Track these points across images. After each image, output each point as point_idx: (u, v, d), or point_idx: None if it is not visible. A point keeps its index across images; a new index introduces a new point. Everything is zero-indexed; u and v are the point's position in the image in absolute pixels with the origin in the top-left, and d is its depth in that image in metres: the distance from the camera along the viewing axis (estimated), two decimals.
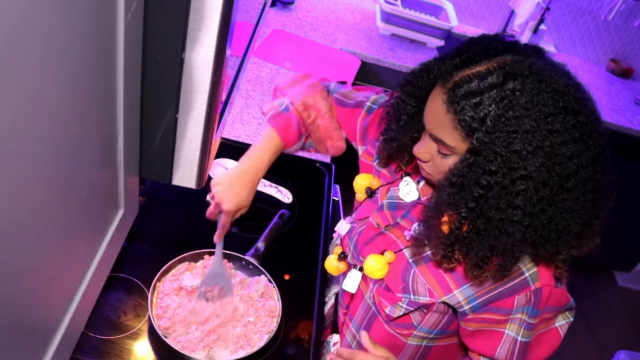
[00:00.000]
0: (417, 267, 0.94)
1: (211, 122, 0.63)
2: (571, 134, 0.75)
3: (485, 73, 0.77)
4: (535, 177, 0.75)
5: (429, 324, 0.96)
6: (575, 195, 0.77)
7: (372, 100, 1.16)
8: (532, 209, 0.76)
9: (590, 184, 0.78)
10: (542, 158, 0.74)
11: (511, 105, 0.74)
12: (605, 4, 2.74)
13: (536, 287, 0.85)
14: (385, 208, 1.03)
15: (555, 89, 0.75)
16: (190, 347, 1.03)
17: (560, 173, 0.75)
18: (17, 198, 0.38)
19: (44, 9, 0.35)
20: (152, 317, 1.05)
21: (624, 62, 2.92)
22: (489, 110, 0.76)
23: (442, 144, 0.83)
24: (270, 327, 1.11)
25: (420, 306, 0.93)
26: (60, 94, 0.40)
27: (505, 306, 0.87)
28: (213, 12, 0.53)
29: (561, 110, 0.75)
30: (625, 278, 3.19)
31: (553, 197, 0.76)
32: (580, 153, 0.76)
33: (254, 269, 1.22)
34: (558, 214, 0.78)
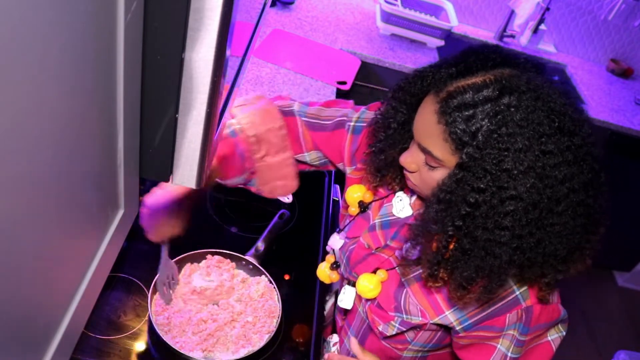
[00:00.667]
0: (409, 286, 0.93)
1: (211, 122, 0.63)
2: (565, 156, 0.72)
3: (480, 85, 0.74)
4: (525, 198, 0.71)
5: (423, 340, 0.96)
6: (565, 219, 0.74)
7: (355, 118, 1.06)
8: (520, 231, 0.73)
9: (582, 209, 0.75)
10: (533, 179, 0.71)
11: (505, 121, 0.71)
12: (605, 4, 2.74)
13: (527, 305, 0.84)
14: (378, 228, 0.99)
15: (552, 108, 0.73)
16: (189, 347, 1.03)
17: (551, 196, 0.72)
18: (17, 198, 0.38)
19: (44, 9, 0.35)
20: (152, 316, 1.05)
21: (624, 62, 2.92)
22: (482, 124, 0.73)
23: (430, 156, 0.80)
24: (270, 327, 1.11)
25: (412, 327, 0.93)
26: (60, 94, 0.40)
27: (496, 324, 0.86)
28: (213, 12, 0.53)
29: (556, 131, 0.72)
30: (625, 278, 3.19)
31: (542, 220, 0.73)
32: (572, 176, 0.73)
33: (254, 268, 1.22)
34: (546, 238, 0.75)
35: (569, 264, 0.81)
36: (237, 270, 1.22)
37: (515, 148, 0.71)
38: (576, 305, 2.94)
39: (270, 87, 1.93)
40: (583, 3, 2.76)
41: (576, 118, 0.75)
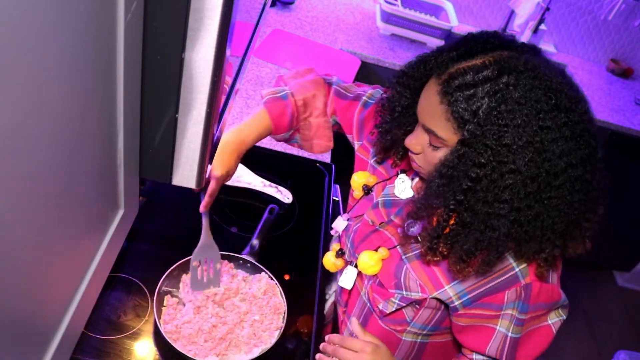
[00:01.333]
0: (410, 263, 0.95)
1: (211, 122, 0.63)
2: (562, 132, 0.76)
3: (480, 66, 0.78)
4: (523, 172, 0.75)
5: (422, 320, 0.97)
6: (563, 193, 0.77)
7: (369, 94, 1.18)
8: (519, 203, 0.76)
9: (579, 184, 0.78)
10: (531, 153, 0.75)
11: (504, 99, 0.75)
12: (605, 4, 2.74)
13: (526, 282, 0.85)
14: (380, 206, 1.04)
15: (549, 86, 0.76)
16: (203, 354, 1.03)
17: (549, 170, 0.76)
18: (17, 198, 0.38)
19: (44, 9, 0.35)
20: (159, 323, 1.04)
21: (624, 62, 2.92)
22: (482, 103, 0.76)
23: (434, 136, 0.83)
24: (278, 323, 1.11)
25: (413, 302, 0.94)
26: (60, 94, 0.40)
27: (495, 301, 0.87)
28: (213, 12, 0.53)
29: (553, 108, 0.76)
30: (625, 278, 3.19)
31: (540, 194, 0.77)
32: (570, 151, 0.76)
33: (252, 267, 1.22)
34: (544, 211, 0.78)
35: (567, 240, 0.84)
36: (237, 270, 1.22)
37: (514, 124, 0.74)
38: (576, 305, 2.94)
39: (270, 87, 1.92)
40: (583, 3, 2.76)
41: (573, 96, 0.79)
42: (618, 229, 2.91)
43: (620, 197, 2.76)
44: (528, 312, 0.87)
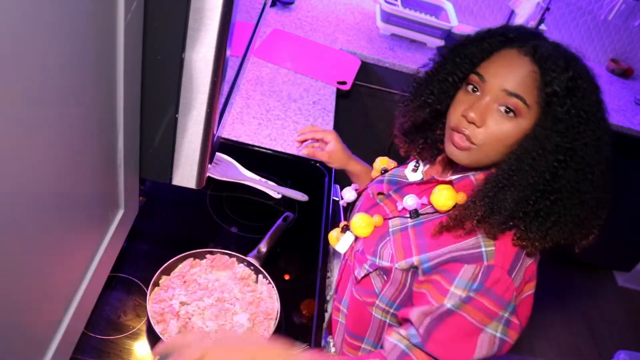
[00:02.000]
0: (393, 236, 0.98)
1: (211, 122, 0.63)
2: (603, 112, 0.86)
3: (552, 44, 0.87)
4: (601, 140, 0.83)
5: (389, 294, 0.97)
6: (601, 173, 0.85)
7: None
8: (599, 168, 0.84)
9: (602, 172, 0.85)
10: (603, 123, 0.84)
11: (579, 74, 0.83)
12: (605, 4, 2.74)
13: (489, 264, 0.83)
14: (385, 182, 1.10)
15: (589, 71, 0.87)
16: None
17: (608, 140, 0.84)
18: (17, 198, 0.38)
19: (44, 9, 0.35)
20: (151, 319, 1.05)
21: (624, 62, 2.92)
22: (567, 75, 0.82)
23: (517, 101, 0.83)
24: (270, 327, 1.11)
25: (380, 269, 0.96)
26: (60, 94, 0.40)
27: (451, 270, 0.85)
28: (213, 12, 0.54)
29: (597, 88, 0.86)
30: (625, 278, 3.19)
31: (607, 160, 0.85)
32: (607, 134, 0.85)
33: (254, 269, 1.22)
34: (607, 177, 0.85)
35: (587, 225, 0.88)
36: (237, 271, 1.22)
37: (591, 97, 0.83)
38: (576, 305, 2.94)
39: (270, 87, 1.93)
40: (583, 3, 2.76)
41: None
42: (618, 229, 2.91)
43: (620, 197, 2.76)
44: (479, 293, 0.82)
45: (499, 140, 0.85)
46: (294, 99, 1.91)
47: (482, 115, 0.85)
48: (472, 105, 0.87)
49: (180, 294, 1.11)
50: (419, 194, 0.99)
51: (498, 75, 0.86)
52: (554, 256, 2.95)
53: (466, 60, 0.91)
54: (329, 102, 1.95)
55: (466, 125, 0.87)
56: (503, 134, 0.85)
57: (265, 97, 1.86)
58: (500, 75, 0.86)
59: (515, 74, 0.84)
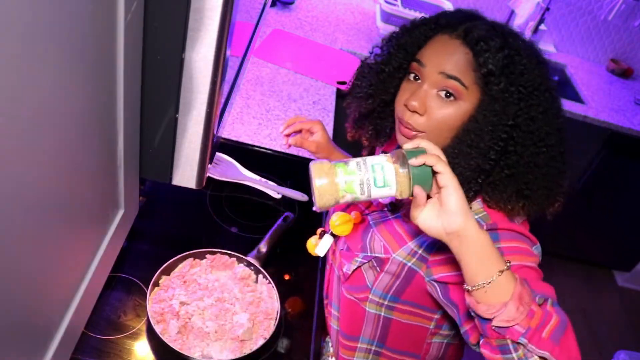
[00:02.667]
0: (376, 227, 0.98)
1: (211, 122, 0.63)
2: (554, 83, 0.86)
3: (487, 25, 0.86)
4: (548, 113, 0.83)
5: (382, 286, 0.97)
6: (562, 136, 0.85)
7: None
8: (551, 140, 0.83)
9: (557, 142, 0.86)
10: (547, 93, 0.83)
11: (518, 51, 0.83)
12: (605, 4, 2.74)
13: (488, 223, 0.85)
14: None
15: (535, 46, 0.88)
16: (188, 347, 1.03)
17: (558, 112, 0.85)
18: (18, 198, 0.38)
19: (44, 9, 0.35)
20: (150, 317, 1.05)
21: (624, 62, 2.92)
22: (503, 53, 0.82)
23: (455, 83, 0.84)
24: (269, 327, 1.11)
25: (373, 259, 0.96)
26: (61, 94, 0.40)
27: None
28: (213, 12, 0.54)
29: (544, 62, 0.87)
30: (625, 278, 3.19)
31: (559, 131, 0.85)
32: (556, 103, 0.86)
33: (254, 269, 1.22)
34: (561, 148, 0.85)
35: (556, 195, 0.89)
36: (237, 271, 1.22)
37: (529, 70, 0.83)
38: (576, 305, 2.94)
39: (270, 87, 1.93)
40: (583, 3, 2.76)
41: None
42: (618, 229, 2.91)
43: (620, 197, 2.76)
44: (501, 240, 0.82)
45: (443, 124, 0.86)
46: (294, 99, 1.91)
47: (422, 102, 0.86)
48: (412, 94, 0.87)
49: (180, 294, 1.11)
50: None
51: (434, 60, 0.86)
52: (555, 256, 2.95)
53: (401, 49, 0.92)
54: (329, 102, 1.95)
55: (409, 115, 0.87)
56: (446, 118, 0.85)
57: (265, 97, 1.86)
58: (436, 60, 0.86)
59: (450, 57, 0.85)
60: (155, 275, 1.11)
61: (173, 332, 1.04)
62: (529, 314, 0.68)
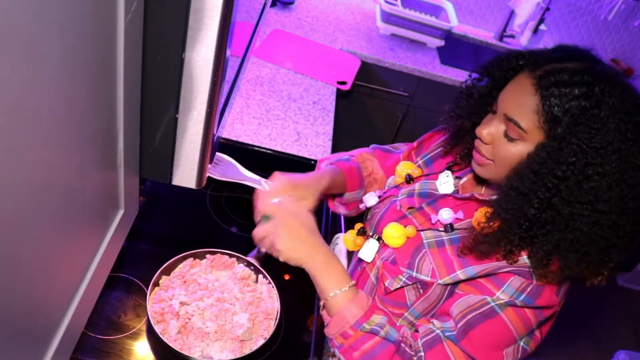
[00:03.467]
0: (429, 249, 0.96)
1: (211, 122, 0.63)
2: (624, 149, 0.79)
3: (577, 70, 0.81)
4: (609, 176, 0.78)
5: (421, 309, 0.97)
6: (637, 205, 0.80)
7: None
8: (601, 206, 0.79)
9: (636, 203, 0.81)
10: (618, 160, 0.78)
11: (598, 104, 0.78)
12: (605, 4, 2.74)
13: (538, 284, 0.85)
14: (416, 195, 1.07)
15: (636, 103, 0.81)
16: (188, 347, 1.03)
17: (630, 180, 0.78)
18: (17, 198, 0.38)
19: (44, 9, 0.35)
20: (151, 318, 1.05)
21: (624, 62, 2.92)
22: (577, 102, 0.79)
23: (515, 126, 0.84)
24: (269, 327, 1.11)
25: (418, 282, 0.95)
26: (60, 94, 0.40)
27: (501, 277, 0.87)
28: (213, 12, 0.54)
29: (638, 125, 0.80)
30: (625, 278, 3.19)
31: (621, 201, 0.79)
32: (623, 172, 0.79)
33: (254, 269, 1.22)
34: (621, 220, 0.80)
35: (628, 252, 0.85)
36: (237, 271, 1.22)
37: (606, 129, 0.78)
38: (576, 305, 2.94)
39: (270, 87, 1.93)
40: (583, 3, 2.76)
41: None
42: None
43: None
44: (528, 306, 0.85)
45: (505, 159, 0.87)
46: (294, 99, 1.91)
47: (489, 133, 0.89)
48: (485, 124, 0.91)
49: (180, 294, 1.11)
50: (454, 207, 0.99)
51: (504, 98, 0.88)
52: None
53: (490, 78, 0.95)
54: (329, 102, 1.95)
55: (480, 142, 0.91)
56: (507, 154, 0.86)
57: (265, 97, 1.86)
58: (505, 98, 0.88)
59: (517, 98, 0.85)
60: (155, 275, 1.11)
61: (173, 332, 1.04)
62: (343, 334, 0.89)
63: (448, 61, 2.50)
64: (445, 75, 2.38)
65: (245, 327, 1.09)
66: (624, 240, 0.82)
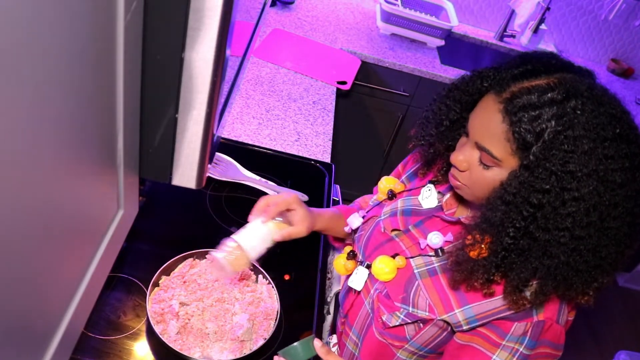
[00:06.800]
0: (422, 279, 0.93)
1: (211, 122, 0.63)
2: (623, 163, 0.74)
3: (545, 87, 0.76)
4: (586, 200, 0.73)
5: (422, 341, 0.94)
6: (619, 224, 0.76)
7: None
8: (580, 232, 0.74)
9: (629, 218, 0.77)
10: (595, 182, 0.73)
11: (571, 124, 0.73)
12: (605, 4, 2.74)
13: (539, 319, 0.83)
14: (399, 214, 1.03)
15: (613, 114, 0.75)
16: (188, 347, 1.03)
17: (610, 200, 0.74)
18: (17, 198, 0.38)
19: (44, 9, 0.34)
20: (150, 318, 1.05)
21: (624, 61, 2.92)
22: (547, 125, 0.74)
23: (487, 154, 0.81)
24: (269, 327, 1.11)
25: (418, 320, 0.92)
26: (60, 94, 0.40)
27: (502, 327, 0.85)
28: (213, 12, 0.53)
29: (616, 137, 0.74)
30: (626, 278, 3.19)
31: (601, 223, 0.75)
32: (628, 183, 0.75)
33: (254, 269, 1.22)
34: (602, 242, 0.76)
35: (615, 268, 0.82)
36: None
37: (580, 151, 0.72)
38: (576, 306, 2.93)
39: (270, 87, 1.93)
40: (583, 3, 2.76)
41: (633, 126, 0.78)
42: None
43: None
44: (534, 349, 0.84)
45: (481, 185, 0.84)
46: (294, 98, 1.91)
47: (464, 159, 0.85)
48: (459, 149, 0.87)
49: (180, 294, 1.11)
50: (442, 229, 0.95)
51: (473, 124, 0.84)
52: None
53: (457, 103, 0.90)
54: (329, 102, 1.95)
55: (454, 168, 0.88)
56: (484, 180, 0.83)
57: (265, 97, 1.86)
58: (474, 124, 0.84)
59: (486, 124, 0.80)
60: (155, 275, 1.11)
61: (173, 333, 1.04)
62: None
63: (448, 61, 2.50)
64: (445, 75, 2.38)
65: (245, 328, 1.09)
66: (608, 260, 0.79)
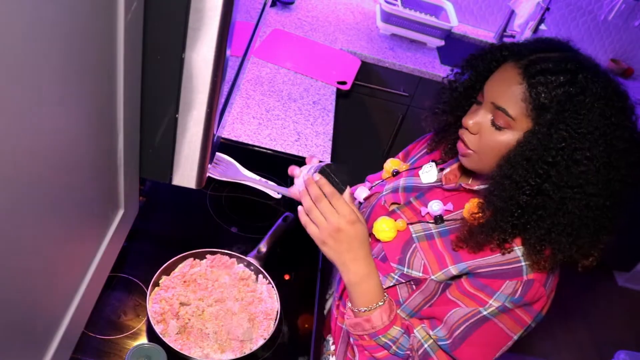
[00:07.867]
0: (419, 242, 0.97)
1: (211, 122, 0.63)
2: (623, 133, 0.81)
3: (561, 59, 0.84)
4: (597, 160, 0.79)
5: (413, 305, 0.97)
6: (621, 187, 0.82)
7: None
8: (591, 189, 0.80)
9: (621, 185, 0.83)
10: (604, 144, 0.80)
11: (583, 90, 0.80)
12: (605, 4, 2.74)
13: (528, 278, 0.86)
14: (401, 190, 1.08)
15: (617, 91, 0.84)
16: (188, 347, 1.03)
17: (614, 163, 0.81)
18: (17, 198, 0.38)
19: (44, 9, 0.35)
20: (150, 317, 1.05)
21: (624, 62, 2.92)
22: (563, 89, 0.81)
23: (503, 113, 0.85)
24: (269, 327, 1.11)
25: (411, 280, 0.95)
26: (60, 94, 0.40)
27: (492, 286, 0.87)
28: (213, 12, 0.54)
29: (620, 109, 0.82)
30: (625, 278, 3.19)
31: (608, 183, 0.81)
32: (626, 152, 0.82)
33: (254, 269, 1.22)
34: (609, 201, 0.82)
35: (615, 233, 0.88)
36: (237, 271, 1.22)
37: (592, 114, 0.80)
38: (576, 305, 2.94)
39: (270, 87, 1.93)
40: (583, 3, 2.76)
41: (631, 105, 0.85)
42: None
43: None
44: (518, 305, 0.86)
45: (491, 149, 0.88)
46: (294, 99, 1.91)
47: (476, 123, 0.90)
48: (471, 114, 0.91)
49: (180, 294, 1.11)
50: (443, 199, 0.99)
51: (490, 88, 0.89)
52: None
53: (474, 71, 0.96)
54: (329, 102, 1.96)
55: (464, 132, 0.92)
56: (494, 143, 0.87)
57: (265, 97, 1.86)
58: (491, 88, 0.89)
59: (504, 87, 0.86)
60: (155, 275, 1.11)
61: (173, 333, 1.04)
62: (360, 336, 0.93)
63: (448, 61, 2.50)
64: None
65: (245, 327, 1.09)
66: (612, 221, 0.85)
